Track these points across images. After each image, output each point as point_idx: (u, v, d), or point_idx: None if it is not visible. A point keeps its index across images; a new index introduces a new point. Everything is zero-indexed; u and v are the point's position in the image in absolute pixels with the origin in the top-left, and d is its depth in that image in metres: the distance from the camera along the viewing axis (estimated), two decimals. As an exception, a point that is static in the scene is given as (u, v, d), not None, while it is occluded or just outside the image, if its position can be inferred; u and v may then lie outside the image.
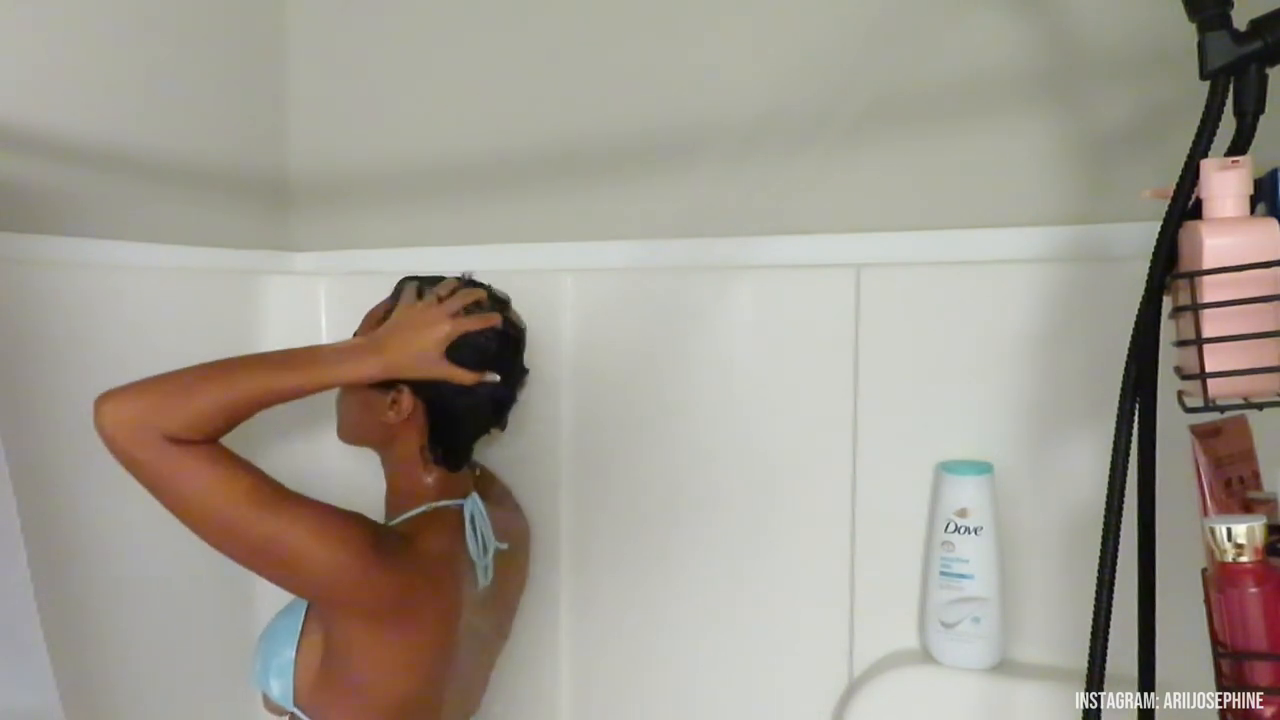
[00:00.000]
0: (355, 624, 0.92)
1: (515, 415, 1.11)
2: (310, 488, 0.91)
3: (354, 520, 0.90)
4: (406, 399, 0.99)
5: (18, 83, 1.06)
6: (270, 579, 0.90)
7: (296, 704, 0.96)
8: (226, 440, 0.88)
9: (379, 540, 0.90)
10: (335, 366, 0.94)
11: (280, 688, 0.96)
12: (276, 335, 1.37)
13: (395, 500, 1.04)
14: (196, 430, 0.84)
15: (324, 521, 0.88)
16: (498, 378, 1.01)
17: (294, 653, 0.96)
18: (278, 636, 0.98)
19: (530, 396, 1.20)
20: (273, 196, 1.45)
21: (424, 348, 0.96)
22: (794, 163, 1.13)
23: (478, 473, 1.15)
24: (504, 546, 1.05)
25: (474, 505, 1.03)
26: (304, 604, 0.98)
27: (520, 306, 1.08)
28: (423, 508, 1.00)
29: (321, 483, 1.03)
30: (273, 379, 0.90)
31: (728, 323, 1.15)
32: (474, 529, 1.01)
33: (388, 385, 0.99)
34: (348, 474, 1.21)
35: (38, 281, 1.06)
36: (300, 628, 0.96)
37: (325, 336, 1.38)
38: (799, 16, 1.12)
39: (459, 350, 0.97)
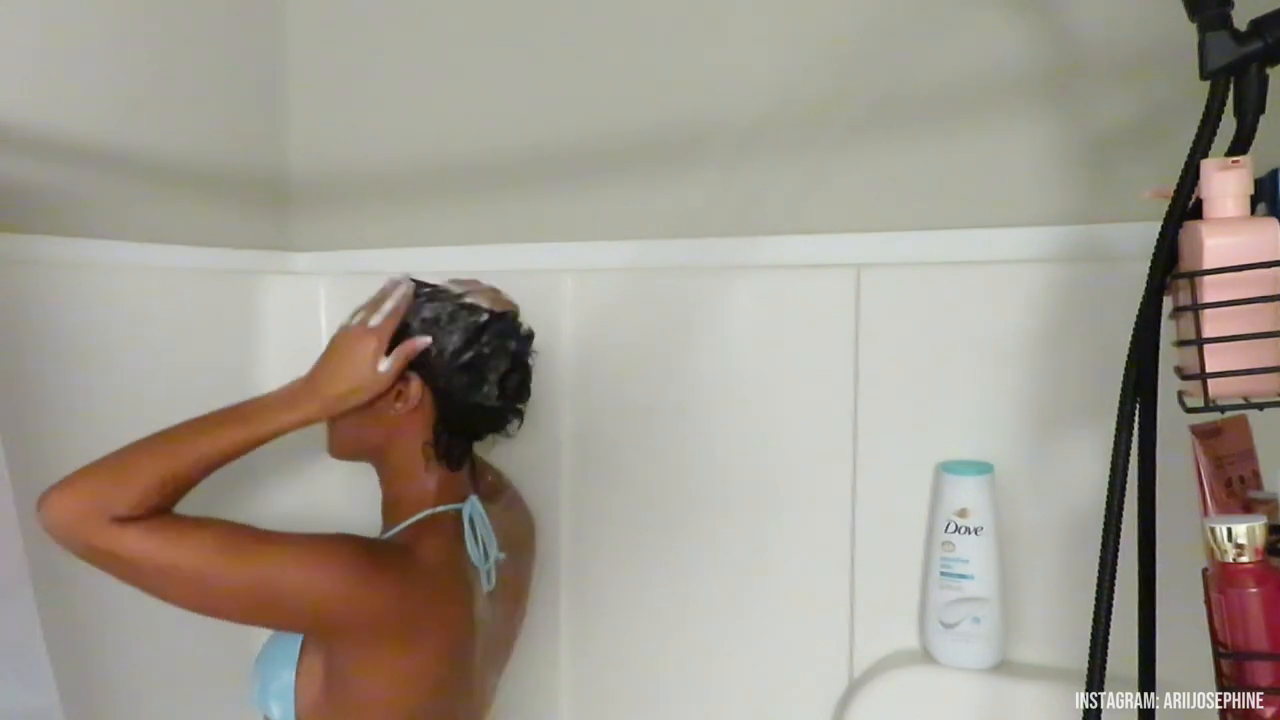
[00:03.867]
0: (360, 645, 0.89)
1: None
2: (301, 522, 0.90)
3: (340, 542, 0.87)
4: (414, 386, 0.96)
5: (18, 82, 1.06)
6: (270, 626, 0.88)
7: None
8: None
9: (372, 555, 0.88)
10: (275, 416, 0.91)
11: (281, 711, 0.92)
12: (276, 335, 1.37)
13: (394, 508, 1.00)
14: (143, 506, 0.81)
15: (308, 552, 0.85)
16: (429, 340, 0.95)
17: (293, 675, 0.92)
18: (275, 658, 0.94)
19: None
20: (273, 196, 1.45)
21: (356, 373, 0.93)
22: (794, 163, 1.13)
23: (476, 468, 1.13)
24: (502, 556, 1.02)
25: (472, 508, 1.00)
26: None
27: (520, 306, 1.07)
28: (421, 514, 0.97)
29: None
30: (213, 440, 0.87)
31: (728, 323, 1.15)
32: (474, 533, 0.99)
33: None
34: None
35: (38, 281, 1.06)
36: (299, 648, 0.93)
37: (325, 337, 1.37)
38: (799, 16, 1.12)
39: (428, 332, 0.95)
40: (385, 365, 0.93)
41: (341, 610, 0.86)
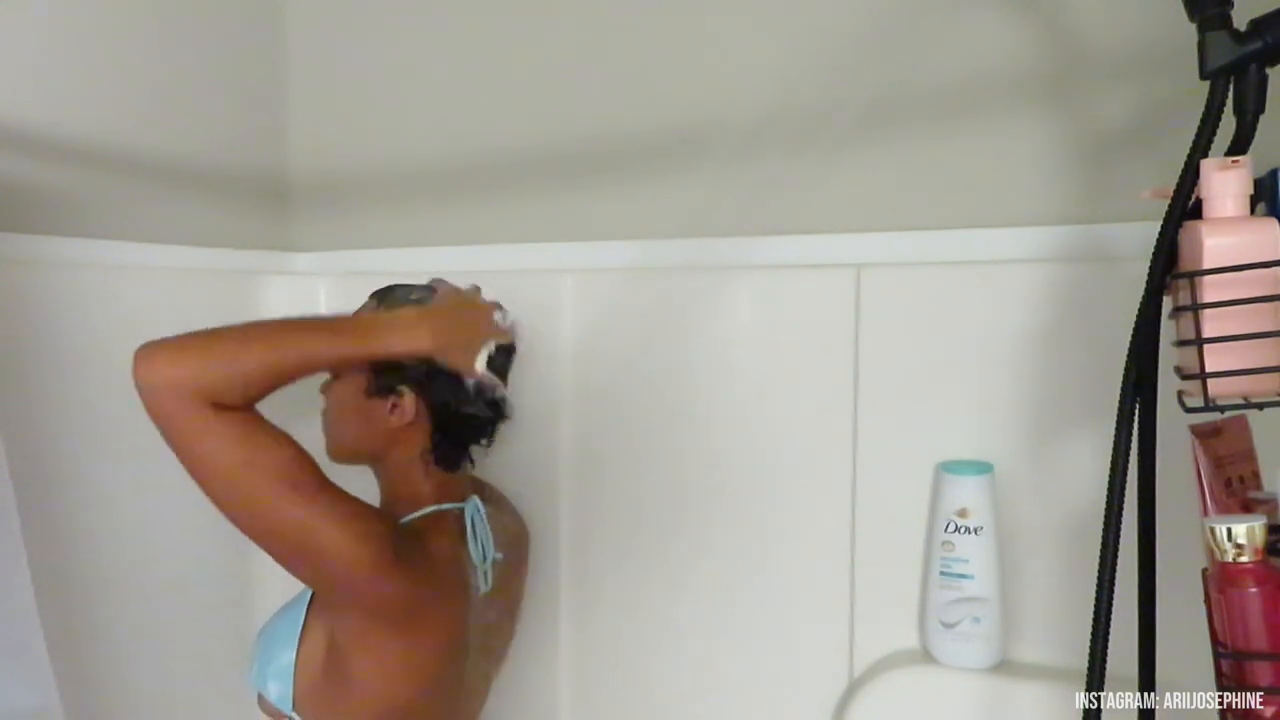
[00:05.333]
0: (363, 623, 0.91)
1: (514, 415, 1.11)
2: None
3: (378, 516, 0.88)
4: (409, 401, 0.98)
5: (18, 83, 1.06)
6: (284, 565, 0.87)
7: (294, 708, 0.94)
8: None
9: (397, 538, 0.89)
10: (386, 336, 0.90)
11: (279, 691, 0.94)
12: (276, 335, 1.37)
13: (394, 506, 1.01)
14: (238, 393, 0.80)
15: (352, 515, 0.85)
16: (505, 390, 1.02)
17: (294, 655, 0.94)
18: (277, 638, 0.96)
19: (529, 397, 1.20)
20: (273, 196, 1.45)
21: (472, 338, 0.95)
22: (794, 163, 1.13)
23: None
24: (499, 557, 1.04)
25: (474, 508, 1.02)
26: (304, 605, 0.96)
27: (520, 306, 1.08)
28: (425, 510, 0.99)
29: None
30: (322, 344, 0.87)
31: (728, 323, 1.15)
32: (474, 533, 1.00)
33: (386, 391, 0.98)
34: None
35: (38, 281, 1.06)
36: (301, 630, 0.94)
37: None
38: (799, 17, 1.12)
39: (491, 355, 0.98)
40: (482, 365, 0.95)
41: (360, 581, 0.86)
